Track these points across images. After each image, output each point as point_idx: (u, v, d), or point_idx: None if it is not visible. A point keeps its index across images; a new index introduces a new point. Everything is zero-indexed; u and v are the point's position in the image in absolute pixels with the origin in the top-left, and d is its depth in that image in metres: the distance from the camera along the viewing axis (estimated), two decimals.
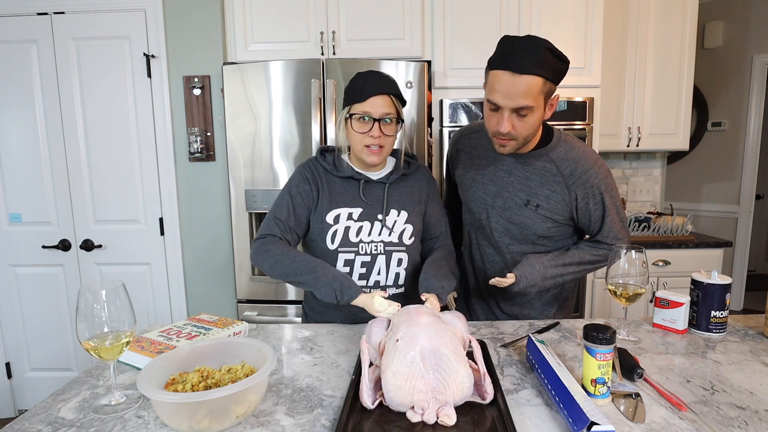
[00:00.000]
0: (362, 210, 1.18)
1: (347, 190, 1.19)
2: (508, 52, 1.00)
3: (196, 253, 2.26)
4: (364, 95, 1.10)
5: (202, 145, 2.16)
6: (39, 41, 2.11)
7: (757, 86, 3.40)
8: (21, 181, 2.20)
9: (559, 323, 1.14)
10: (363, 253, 1.18)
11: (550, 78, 1.01)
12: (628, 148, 2.68)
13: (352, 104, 1.12)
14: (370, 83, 1.10)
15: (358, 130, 1.12)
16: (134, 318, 0.79)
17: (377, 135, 1.11)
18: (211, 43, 2.13)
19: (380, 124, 1.11)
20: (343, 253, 1.17)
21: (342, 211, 1.17)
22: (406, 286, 1.23)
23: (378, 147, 1.13)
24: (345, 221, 1.17)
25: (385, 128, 1.12)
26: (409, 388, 0.70)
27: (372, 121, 1.11)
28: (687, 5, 2.59)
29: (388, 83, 1.12)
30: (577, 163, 1.12)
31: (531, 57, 0.98)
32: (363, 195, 1.18)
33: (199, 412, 0.65)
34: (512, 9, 2.16)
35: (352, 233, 1.17)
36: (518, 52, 0.98)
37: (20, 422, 0.73)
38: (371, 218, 1.18)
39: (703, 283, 1.06)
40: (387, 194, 1.20)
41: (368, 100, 1.10)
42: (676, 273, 2.43)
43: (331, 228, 1.16)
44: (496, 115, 1.06)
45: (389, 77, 1.14)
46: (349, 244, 1.17)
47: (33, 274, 2.26)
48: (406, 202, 1.22)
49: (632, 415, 0.72)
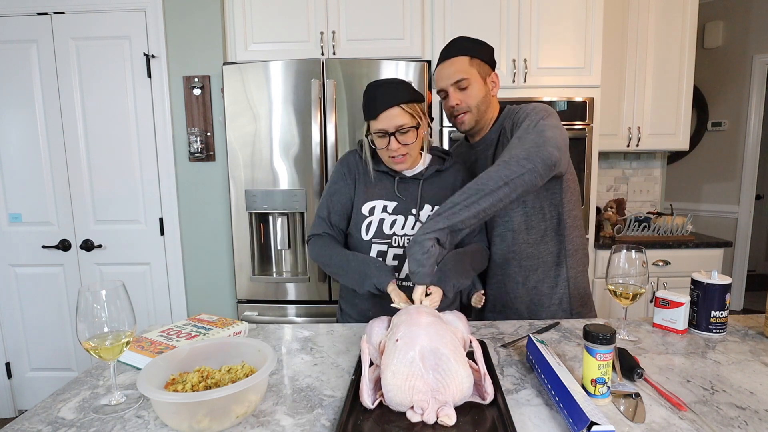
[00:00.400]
0: (397, 204, 1.21)
1: (383, 184, 1.22)
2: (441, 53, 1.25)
3: (196, 253, 2.26)
4: (375, 112, 1.11)
5: (202, 145, 2.16)
6: (39, 41, 2.11)
7: (757, 86, 3.40)
8: (21, 181, 2.20)
9: (559, 323, 1.14)
10: (396, 246, 1.20)
11: (475, 55, 1.20)
12: (628, 148, 2.68)
13: (368, 121, 1.15)
14: (380, 99, 1.11)
15: (379, 146, 1.16)
16: (134, 318, 0.79)
17: (396, 147, 1.13)
18: (211, 43, 2.14)
19: (397, 136, 1.12)
20: (376, 244, 1.20)
21: (377, 203, 1.20)
22: None
23: (401, 156, 1.16)
24: (380, 213, 1.20)
25: (402, 138, 1.13)
26: (408, 388, 0.70)
27: (388, 136, 1.12)
28: (687, 5, 2.59)
29: (395, 93, 1.11)
30: (516, 113, 1.21)
31: (453, 49, 1.21)
32: (398, 191, 1.21)
33: (199, 412, 0.65)
34: (512, 9, 2.16)
35: (386, 225, 1.20)
36: (444, 52, 1.23)
37: (20, 422, 0.73)
38: (405, 212, 1.21)
39: (703, 283, 1.06)
40: (421, 190, 1.22)
41: (380, 117, 1.11)
42: (676, 273, 2.43)
43: (366, 219, 1.20)
44: (446, 101, 1.24)
45: (397, 85, 1.12)
46: (382, 235, 1.20)
47: (33, 274, 2.26)
48: (441, 197, 1.21)
49: (632, 415, 0.72)
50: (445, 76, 1.21)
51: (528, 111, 1.16)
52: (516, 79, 2.19)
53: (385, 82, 1.13)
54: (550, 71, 2.20)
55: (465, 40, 1.22)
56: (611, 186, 3.08)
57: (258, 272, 2.11)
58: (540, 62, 2.19)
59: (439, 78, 1.24)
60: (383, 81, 1.14)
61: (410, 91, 1.13)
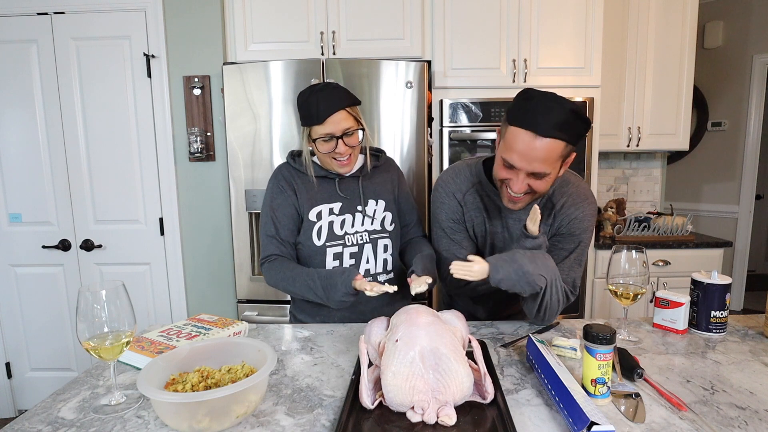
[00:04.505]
0: (342, 204, 1.22)
1: (324, 188, 1.22)
2: (532, 109, 0.94)
3: (196, 253, 2.26)
4: (321, 117, 1.10)
5: (202, 145, 2.16)
6: (39, 41, 2.11)
7: (757, 86, 3.40)
8: (21, 181, 2.20)
9: (559, 323, 1.14)
10: (350, 245, 1.22)
11: (571, 142, 0.96)
12: (628, 148, 2.68)
13: (312, 126, 1.14)
14: (324, 103, 1.10)
15: (325, 150, 1.15)
16: (134, 318, 0.79)
17: (344, 150, 1.14)
18: (211, 43, 2.13)
19: (344, 139, 1.13)
20: (331, 248, 1.21)
21: (323, 207, 1.21)
22: (395, 271, 1.28)
23: (347, 158, 1.17)
24: (327, 216, 1.20)
25: (348, 140, 1.15)
26: (409, 389, 0.70)
27: (335, 139, 1.13)
28: (687, 5, 2.59)
29: (340, 97, 1.12)
30: (569, 197, 1.12)
31: (555, 119, 0.92)
32: (340, 190, 1.22)
33: (199, 412, 0.65)
34: (512, 9, 2.16)
35: (336, 227, 1.21)
36: (542, 111, 0.92)
37: (20, 422, 0.73)
38: (352, 210, 1.22)
39: (703, 283, 1.06)
40: (362, 186, 1.24)
41: (326, 121, 1.11)
42: (676, 273, 2.43)
43: (315, 225, 1.20)
44: (510, 172, 1.01)
45: (339, 88, 1.14)
46: (335, 237, 1.21)
47: (33, 274, 2.26)
48: (382, 191, 1.27)
49: (632, 415, 0.72)
50: (527, 157, 0.95)
51: (585, 221, 1.10)
52: (516, 79, 2.19)
53: (326, 86, 1.13)
54: (550, 71, 2.20)
55: (572, 116, 0.92)
56: (611, 186, 3.08)
57: (258, 272, 2.11)
58: (540, 62, 2.19)
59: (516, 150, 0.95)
60: (323, 85, 1.14)
61: (349, 95, 1.15)
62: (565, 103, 0.94)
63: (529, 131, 0.93)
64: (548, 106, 0.93)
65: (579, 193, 1.13)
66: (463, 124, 2.18)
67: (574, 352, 0.93)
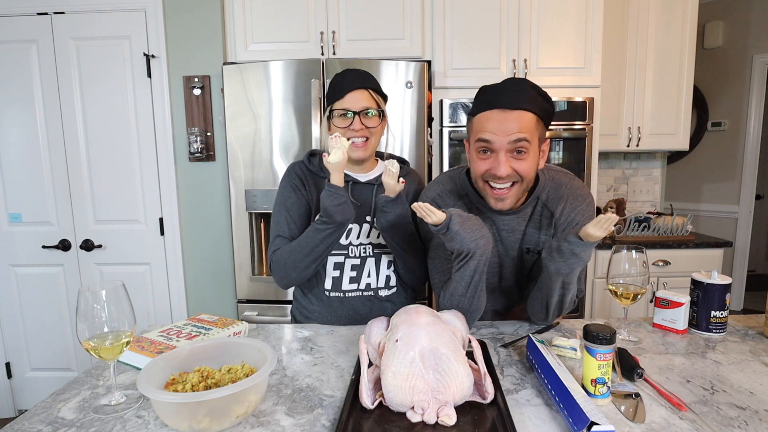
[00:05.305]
0: None
1: None
2: (493, 93, 0.96)
3: (196, 253, 2.26)
4: (342, 92, 1.10)
5: (202, 145, 2.16)
6: (39, 41, 2.11)
7: (757, 86, 3.40)
8: (21, 181, 2.20)
9: (559, 323, 1.14)
10: (353, 256, 1.18)
11: (540, 116, 0.96)
12: (628, 148, 2.68)
13: (332, 104, 1.13)
14: (348, 80, 1.10)
15: (340, 125, 1.11)
16: (134, 318, 0.79)
17: (359, 128, 1.10)
18: (211, 43, 2.14)
19: (361, 117, 1.10)
20: (333, 256, 1.17)
21: None
22: (398, 287, 1.23)
23: (362, 141, 1.12)
24: None
25: (366, 121, 1.11)
26: (409, 389, 0.70)
27: (353, 115, 1.10)
28: (687, 5, 2.59)
29: (365, 78, 1.12)
30: (566, 202, 1.08)
31: (519, 94, 0.94)
32: (352, 196, 1.18)
33: (199, 412, 0.65)
34: (512, 9, 2.16)
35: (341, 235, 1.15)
36: (505, 92, 0.95)
37: (20, 422, 0.73)
38: (360, 220, 1.18)
39: (703, 283, 1.06)
40: (375, 195, 1.19)
41: (346, 96, 1.10)
42: (676, 273, 2.43)
43: None
44: (489, 158, 0.97)
45: (367, 73, 1.14)
46: (338, 246, 1.17)
47: (33, 274, 2.26)
48: None
49: (632, 415, 0.72)
50: (502, 128, 0.93)
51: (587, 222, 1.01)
52: None
53: (356, 69, 1.14)
54: (550, 71, 2.20)
55: (534, 92, 0.95)
56: (611, 186, 3.08)
57: (258, 272, 2.11)
58: (540, 62, 2.19)
59: (490, 127, 0.94)
60: (353, 68, 1.14)
61: (376, 82, 1.14)
62: (525, 81, 0.97)
63: (495, 109, 0.94)
64: (506, 86, 0.96)
65: (575, 194, 1.09)
66: (463, 124, 2.18)
67: (574, 352, 0.93)
